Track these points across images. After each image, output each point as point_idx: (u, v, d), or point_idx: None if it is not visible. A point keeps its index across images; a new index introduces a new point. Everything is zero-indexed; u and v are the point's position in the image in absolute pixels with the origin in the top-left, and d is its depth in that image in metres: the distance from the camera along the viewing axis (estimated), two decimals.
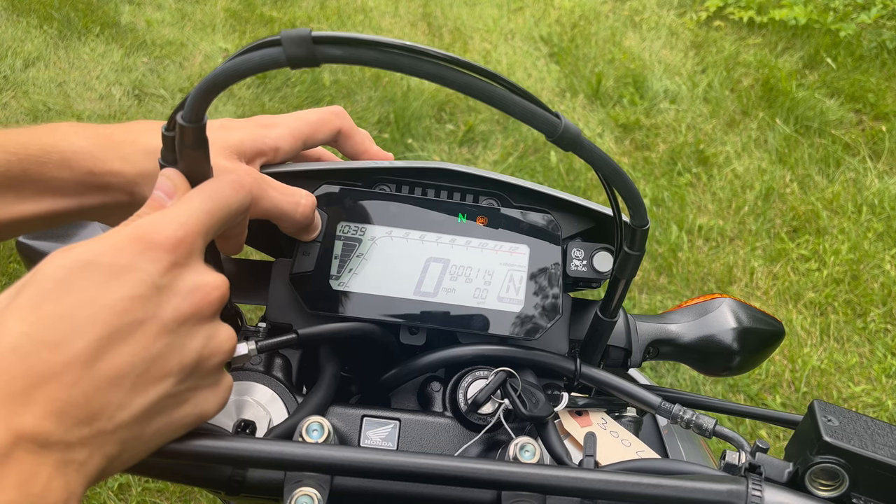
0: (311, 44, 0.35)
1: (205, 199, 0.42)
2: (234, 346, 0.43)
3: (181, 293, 0.39)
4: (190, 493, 1.73)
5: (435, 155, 2.67)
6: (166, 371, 0.38)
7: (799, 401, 2.01)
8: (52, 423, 0.33)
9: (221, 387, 0.43)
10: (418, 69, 0.35)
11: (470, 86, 0.36)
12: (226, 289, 0.41)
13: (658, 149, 2.75)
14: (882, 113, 2.86)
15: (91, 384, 0.35)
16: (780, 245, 2.41)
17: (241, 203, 0.44)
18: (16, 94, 2.66)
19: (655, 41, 3.27)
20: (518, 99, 0.37)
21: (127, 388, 0.36)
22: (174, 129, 0.41)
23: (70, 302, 0.35)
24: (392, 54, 0.35)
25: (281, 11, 3.32)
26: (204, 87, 0.38)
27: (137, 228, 0.38)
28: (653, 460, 0.54)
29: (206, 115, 0.40)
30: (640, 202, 0.45)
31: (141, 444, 0.38)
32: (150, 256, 0.38)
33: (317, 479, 0.45)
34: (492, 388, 0.54)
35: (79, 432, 0.34)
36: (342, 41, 0.35)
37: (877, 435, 0.48)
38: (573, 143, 0.39)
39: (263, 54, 0.36)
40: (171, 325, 0.38)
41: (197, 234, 0.40)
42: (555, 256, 0.59)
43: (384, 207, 0.58)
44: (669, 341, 0.66)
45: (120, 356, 0.36)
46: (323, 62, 0.35)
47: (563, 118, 0.39)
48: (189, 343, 0.39)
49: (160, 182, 0.43)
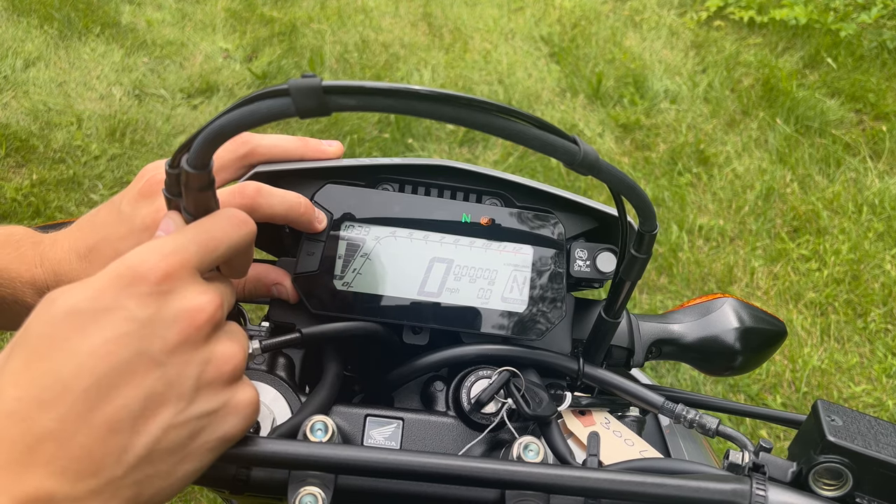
0: (321, 94, 0.34)
1: (199, 232, 0.40)
2: (241, 362, 0.41)
3: (166, 322, 0.37)
4: (190, 493, 1.73)
5: (435, 154, 2.67)
6: (164, 404, 0.37)
7: (799, 401, 2.01)
8: (57, 482, 0.33)
9: (239, 405, 0.41)
10: (434, 112, 0.35)
11: (489, 125, 0.36)
12: (215, 307, 0.39)
13: (658, 149, 2.75)
14: (882, 113, 2.86)
15: (89, 436, 0.34)
16: (781, 245, 2.41)
17: (241, 238, 0.43)
18: (16, 94, 2.66)
19: (656, 41, 3.27)
20: (537, 132, 0.37)
21: (127, 430, 0.35)
22: (178, 166, 0.40)
23: (56, 357, 0.35)
24: (406, 100, 0.34)
25: (281, 11, 3.32)
26: (210, 135, 0.37)
27: (121, 264, 0.37)
28: (656, 460, 0.54)
29: (212, 162, 0.39)
30: (652, 211, 0.45)
31: (161, 479, 0.37)
32: (131, 291, 0.36)
33: (321, 479, 0.45)
34: (495, 388, 0.54)
35: (86, 485, 0.34)
36: (354, 90, 0.34)
37: (880, 434, 0.48)
38: (592, 167, 0.39)
39: (271, 105, 0.35)
40: (160, 357, 0.37)
41: (184, 265, 0.38)
42: (558, 257, 0.59)
43: (388, 207, 0.58)
44: (672, 341, 0.66)
45: (113, 400, 0.35)
46: (334, 111, 0.34)
47: (581, 143, 0.39)
48: (184, 370, 0.38)
49: (163, 223, 0.42)
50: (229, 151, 0.56)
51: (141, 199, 0.54)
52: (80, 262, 0.54)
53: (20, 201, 2.29)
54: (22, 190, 2.32)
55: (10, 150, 2.45)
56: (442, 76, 3.05)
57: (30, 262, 0.56)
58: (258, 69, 2.97)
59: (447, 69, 3.09)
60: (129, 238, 0.53)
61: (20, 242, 0.57)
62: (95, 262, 0.54)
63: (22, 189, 2.32)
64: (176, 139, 2.62)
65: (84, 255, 0.54)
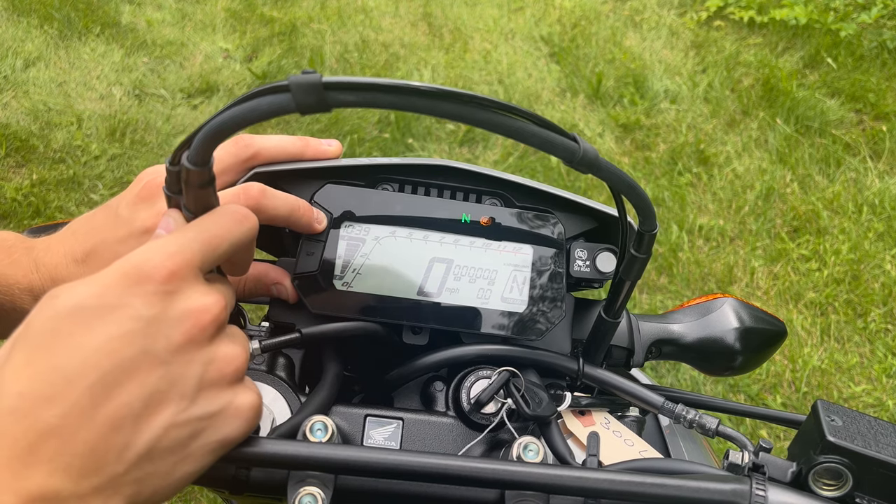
0: (321, 90, 0.34)
1: (201, 231, 0.40)
2: (243, 363, 0.41)
3: (171, 322, 0.37)
4: (190, 493, 1.73)
5: (435, 154, 2.67)
6: (167, 402, 0.37)
7: (799, 401, 2.01)
8: (61, 479, 0.33)
9: (241, 408, 0.41)
10: (435, 109, 0.35)
11: (489, 122, 0.36)
12: (219, 308, 0.40)
13: (658, 149, 2.75)
14: (882, 113, 2.86)
15: (92, 432, 0.34)
16: (781, 245, 2.41)
17: (244, 234, 0.43)
18: (16, 94, 2.66)
19: (656, 41, 3.27)
20: (537, 129, 0.37)
21: (129, 427, 0.35)
22: (178, 164, 0.40)
23: (60, 352, 0.35)
24: (407, 97, 0.34)
25: (281, 11, 3.32)
26: (210, 132, 0.37)
27: (126, 262, 0.37)
28: (656, 460, 0.54)
29: (213, 158, 0.39)
30: (652, 211, 0.45)
31: (160, 478, 0.37)
32: (137, 290, 0.37)
33: (320, 479, 0.45)
34: (495, 388, 0.54)
35: (89, 482, 0.34)
36: (354, 86, 0.34)
37: (880, 435, 0.48)
38: (592, 165, 0.39)
39: (272, 101, 0.35)
40: (164, 356, 0.37)
41: (188, 264, 0.39)
42: (558, 256, 0.59)
43: (388, 207, 0.58)
44: (672, 341, 0.66)
45: (117, 398, 0.35)
46: (335, 107, 0.34)
47: (581, 141, 0.38)
48: (188, 370, 0.38)
49: (163, 221, 0.42)
50: (232, 155, 0.56)
51: (140, 202, 0.54)
52: (77, 267, 0.54)
53: (20, 201, 2.29)
54: (22, 190, 2.32)
55: (10, 150, 2.45)
56: (442, 76, 3.05)
57: (25, 268, 0.55)
58: (258, 69, 2.97)
59: (447, 69, 3.09)
60: (128, 241, 0.53)
61: (12, 248, 0.56)
62: (93, 266, 0.54)
63: (22, 189, 2.32)
64: (176, 139, 2.62)
65: (81, 260, 0.54)
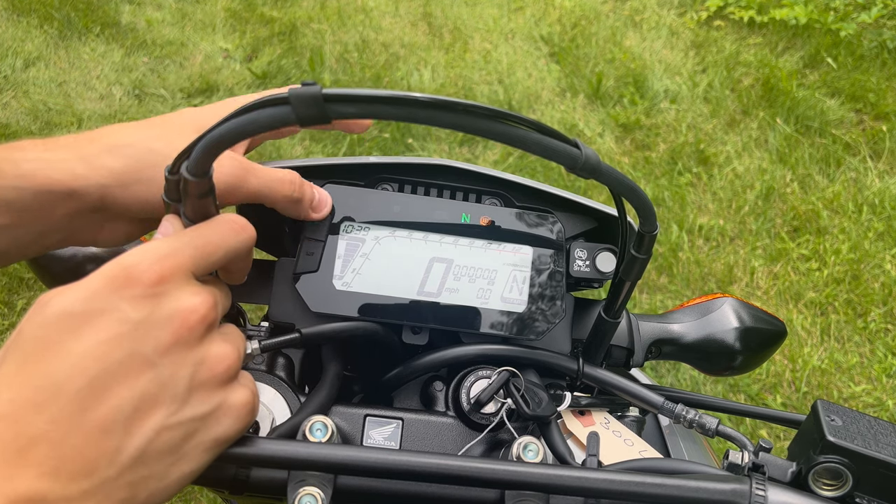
0: (321, 103, 0.34)
1: (196, 237, 0.41)
2: (235, 362, 0.41)
3: (159, 324, 0.37)
4: (190, 493, 1.73)
5: (435, 154, 2.67)
6: (157, 405, 0.37)
7: (799, 401, 2.01)
8: (49, 482, 0.33)
9: (234, 407, 0.41)
10: (435, 119, 0.35)
11: (490, 130, 0.36)
12: (208, 307, 0.39)
13: (658, 148, 2.75)
14: (882, 113, 2.86)
15: (81, 436, 0.34)
16: (781, 245, 2.41)
17: (240, 244, 0.43)
18: (16, 93, 2.66)
19: (656, 41, 3.27)
20: (539, 136, 0.37)
21: (119, 431, 0.35)
22: (177, 173, 0.40)
23: (49, 359, 0.35)
24: (407, 108, 0.34)
25: (281, 11, 3.32)
26: (209, 143, 0.37)
27: (116, 265, 0.38)
28: (656, 460, 0.54)
29: (212, 168, 0.39)
30: (652, 212, 0.45)
31: (155, 481, 0.37)
32: (125, 294, 0.37)
33: (320, 479, 0.45)
34: (495, 388, 0.54)
35: (79, 486, 0.34)
36: (354, 98, 0.34)
37: (880, 434, 0.48)
38: (593, 170, 0.39)
39: (272, 114, 0.35)
40: (153, 358, 0.37)
41: (179, 267, 0.39)
42: (558, 256, 0.59)
43: (388, 207, 0.58)
44: (672, 341, 0.66)
45: (106, 402, 0.35)
46: (335, 119, 0.34)
47: (583, 146, 0.38)
48: (177, 372, 0.38)
49: (162, 226, 0.43)
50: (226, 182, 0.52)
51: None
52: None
53: None
54: None
55: None
56: (442, 76, 3.04)
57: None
58: (258, 69, 2.97)
59: (447, 69, 3.08)
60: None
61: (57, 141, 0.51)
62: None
63: None
64: None
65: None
